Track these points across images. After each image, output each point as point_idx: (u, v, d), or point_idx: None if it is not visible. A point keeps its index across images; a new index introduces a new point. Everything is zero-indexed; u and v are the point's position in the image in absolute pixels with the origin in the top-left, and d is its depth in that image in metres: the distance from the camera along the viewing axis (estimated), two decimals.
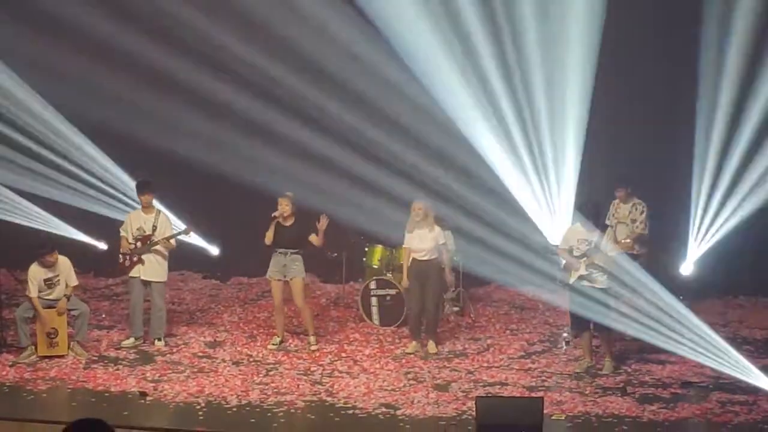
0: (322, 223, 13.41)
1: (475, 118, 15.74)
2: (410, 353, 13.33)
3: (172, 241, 13.78)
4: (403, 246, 13.63)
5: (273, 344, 13.67)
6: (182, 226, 14.27)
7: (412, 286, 13.46)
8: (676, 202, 15.33)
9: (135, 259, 13.70)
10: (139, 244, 13.72)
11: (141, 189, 13.84)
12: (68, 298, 13.19)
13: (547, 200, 15.58)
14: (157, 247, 13.69)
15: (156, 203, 13.98)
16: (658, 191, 14.85)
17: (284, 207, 13.49)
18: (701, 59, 14.74)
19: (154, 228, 13.73)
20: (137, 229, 13.75)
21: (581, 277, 12.38)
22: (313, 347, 13.57)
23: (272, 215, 13.49)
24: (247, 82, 17.15)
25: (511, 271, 16.11)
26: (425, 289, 13.38)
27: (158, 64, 16.59)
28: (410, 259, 13.49)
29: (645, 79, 15.75)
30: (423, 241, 13.36)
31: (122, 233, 13.86)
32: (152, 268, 13.74)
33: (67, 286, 13.23)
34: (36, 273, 13.17)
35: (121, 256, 13.82)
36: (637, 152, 15.57)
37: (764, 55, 14.47)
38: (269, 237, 13.48)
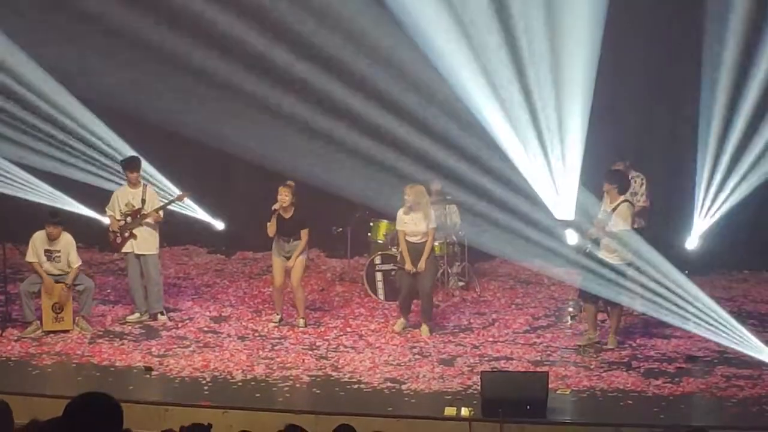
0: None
1: (479, 95, 15.66)
2: (398, 332, 13.25)
3: (161, 212, 13.75)
4: (397, 228, 13.51)
5: (273, 322, 13.64)
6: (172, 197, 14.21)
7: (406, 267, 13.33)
8: (680, 176, 15.29)
9: (127, 234, 13.68)
10: (129, 219, 13.70)
11: (130, 166, 13.78)
12: (71, 283, 13.12)
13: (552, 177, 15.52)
14: (148, 219, 13.67)
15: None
16: (662, 165, 14.81)
17: (284, 197, 13.37)
18: (706, 32, 14.66)
19: (143, 201, 13.70)
20: (125, 205, 13.70)
21: (595, 242, 12.28)
22: (301, 329, 13.49)
23: (273, 208, 13.40)
24: (253, 57, 17.10)
25: (517, 245, 16.11)
26: (419, 272, 13.25)
27: (163, 37, 16.54)
28: (405, 240, 13.34)
29: (648, 53, 15.69)
30: (417, 224, 13.22)
31: (109, 212, 13.79)
32: (144, 241, 13.71)
33: (69, 266, 13.21)
34: (38, 240, 13.19)
35: (111, 233, 13.80)
36: (642, 126, 15.52)
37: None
38: (272, 230, 13.41)
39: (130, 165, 13.78)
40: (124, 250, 13.78)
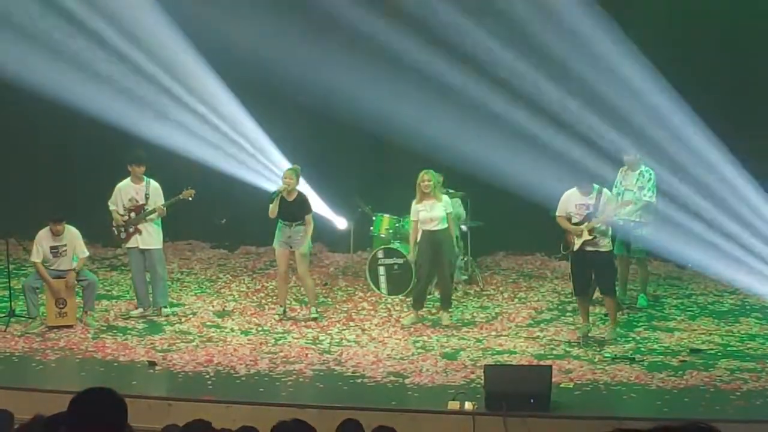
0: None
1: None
2: (408, 325, 13.27)
3: (164, 208, 13.73)
4: (411, 219, 13.49)
5: (277, 314, 13.65)
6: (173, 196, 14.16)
7: (424, 257, 13.28)
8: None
9: (132, 230, 13.67)
10: (132, 214, 13.68)
11: (136, 160, 13.74)
12: (77, 273, 13.18)
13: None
14: (152, 215, 13.66)
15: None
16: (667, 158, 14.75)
17: (291, 180, 13.42)
18: None
19: (147, 197, 13.68)
20: (129, 200, 13.69)
21: (585, 243, 12.29)
22: (314, 316, 13.52)
23: (277, 190, 13.44)
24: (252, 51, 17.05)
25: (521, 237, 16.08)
26: (439, 258, 13.20)
27: None
28: (418, 231, 13.34)
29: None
30: (434, 210, 13.20)
31: (112, 206, 13.75)
32: (149, 237, 13.71)
33: (76, 257, 13.24)
34: (42, 239, 13.19)
35: (115, 229, 13.78)
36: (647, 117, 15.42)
37: None
38: (273, 211, 13.44)
39: (137, 160, 13.75)
40: (128, 245, 13.78)
